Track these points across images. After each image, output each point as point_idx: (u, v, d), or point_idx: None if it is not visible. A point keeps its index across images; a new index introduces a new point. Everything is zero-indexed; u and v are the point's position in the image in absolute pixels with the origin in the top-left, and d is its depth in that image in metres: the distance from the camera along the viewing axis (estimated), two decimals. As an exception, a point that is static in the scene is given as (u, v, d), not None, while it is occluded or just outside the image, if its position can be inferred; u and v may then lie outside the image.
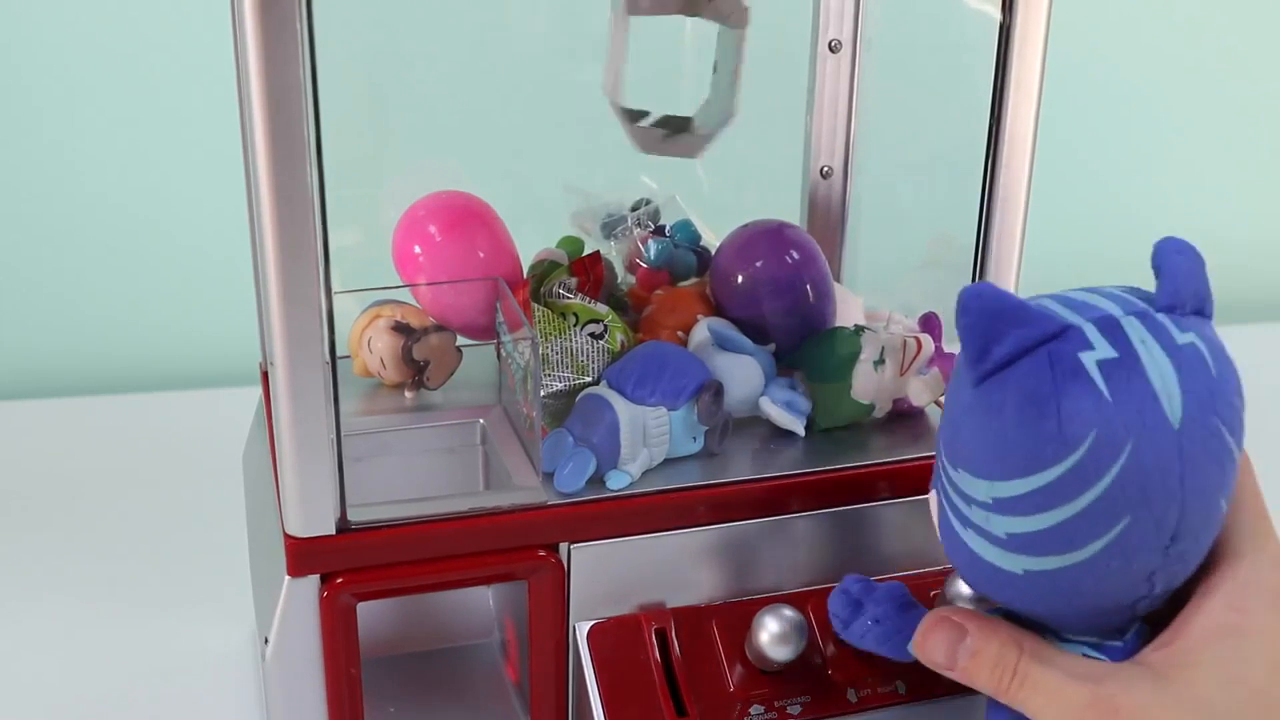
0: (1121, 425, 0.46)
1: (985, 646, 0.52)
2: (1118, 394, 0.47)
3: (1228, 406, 0.49)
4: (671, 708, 0.58)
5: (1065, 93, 0.82)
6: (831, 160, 0.80)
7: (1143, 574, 0.49)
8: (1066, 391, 0.47)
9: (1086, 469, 0.47)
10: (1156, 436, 0.47)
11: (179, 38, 1.08)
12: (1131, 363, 0.47)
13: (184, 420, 1.08)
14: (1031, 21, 0.57)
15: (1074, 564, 0.48)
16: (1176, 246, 0.51)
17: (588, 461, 0.60)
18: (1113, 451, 0.46)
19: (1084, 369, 0.47)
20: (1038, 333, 0.48)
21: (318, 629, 0.57)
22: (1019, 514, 0.48)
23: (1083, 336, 0.48)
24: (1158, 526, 0.47)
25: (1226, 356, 0.50)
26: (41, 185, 1.12)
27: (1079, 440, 0.47)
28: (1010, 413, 0.48)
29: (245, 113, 0.58)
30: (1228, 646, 0.49)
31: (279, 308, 0.52)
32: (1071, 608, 0.51)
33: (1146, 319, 0.48)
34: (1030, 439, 0.47)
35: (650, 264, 0.72)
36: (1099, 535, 0.47)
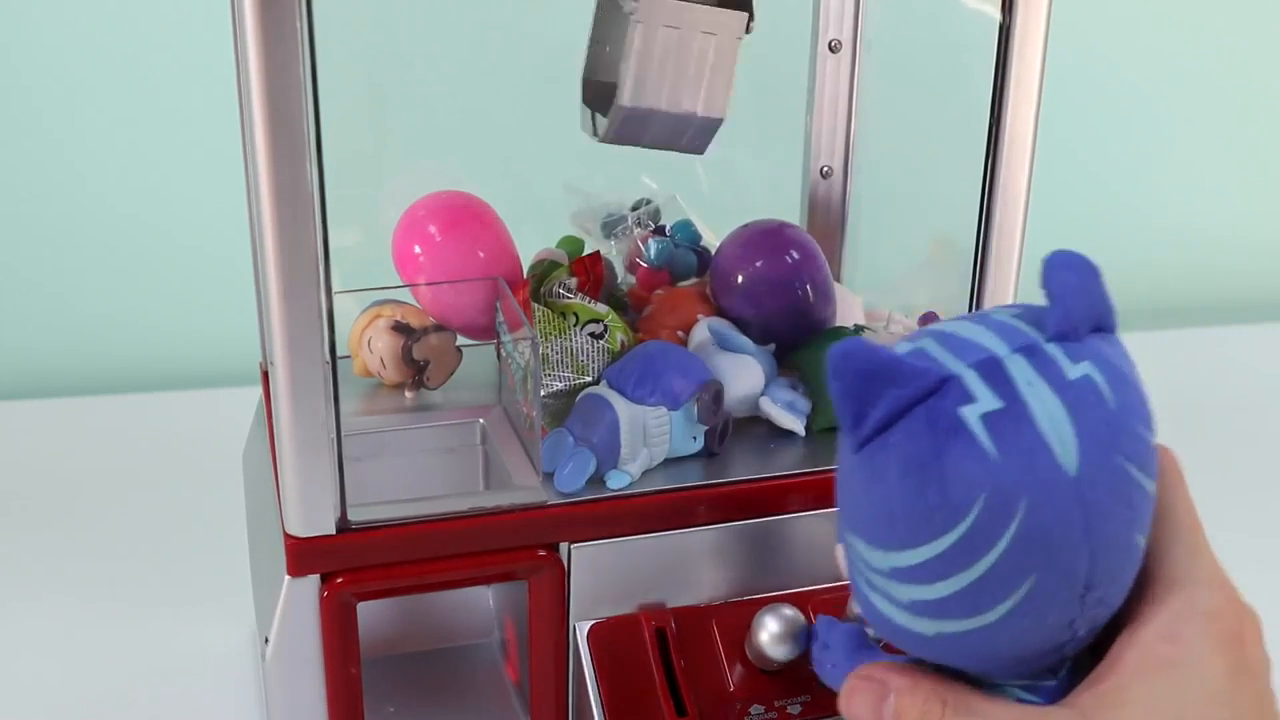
0: (1012, 483, 0.43)
1: (908, 705, 0.48)
2: (1005, 449, 0.43)
3: (1132, 439, 0.45)
4: (671, 708, 0.58)
5: (1065, 93, 0.82)
6: (831, 160, 0.80)
7: (1061, 623, 0.45)
8: (948, 453, 0.43)
9: (980, 535, 0.43)
10: (1052, 489, 0.43)
11: (179, 38, 1.08)
12: (1018, 411, 0.43)
13: (184, 420, 1.08)
14: (1031, 21, 0.57)
15: (984, 625, 0.45)
16: (1065, 261, 0.46)
17: (588, 461, 0.60)
18: (1006, 513, 0.43)
19: (966, 426, 0.43)
20: (914, 390, 0.44)
21: (318, 629, 0.57)
22: (918, 583, 0.45)
23: (963, 388, 0.44)
24: (1067, 580, 0.44)
25: (1129, 380, 0.46)
26: (41, 185, 1.12)
27: (967, 506, 0.43)
28: (893, 481, 0.44)
29: (245, 113, 0.58)
30: (1160, 681, 0.46)
31: (279, 308, 0.52)
32: (992, 662, 0.47)
33: (1034, 354, 0.44)
34: (917, 508, 0.44)
35: (650, 264, 0.72)
36: (1005, 597, 0.44)
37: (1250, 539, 0.95)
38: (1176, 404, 1.19)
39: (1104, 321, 0.47)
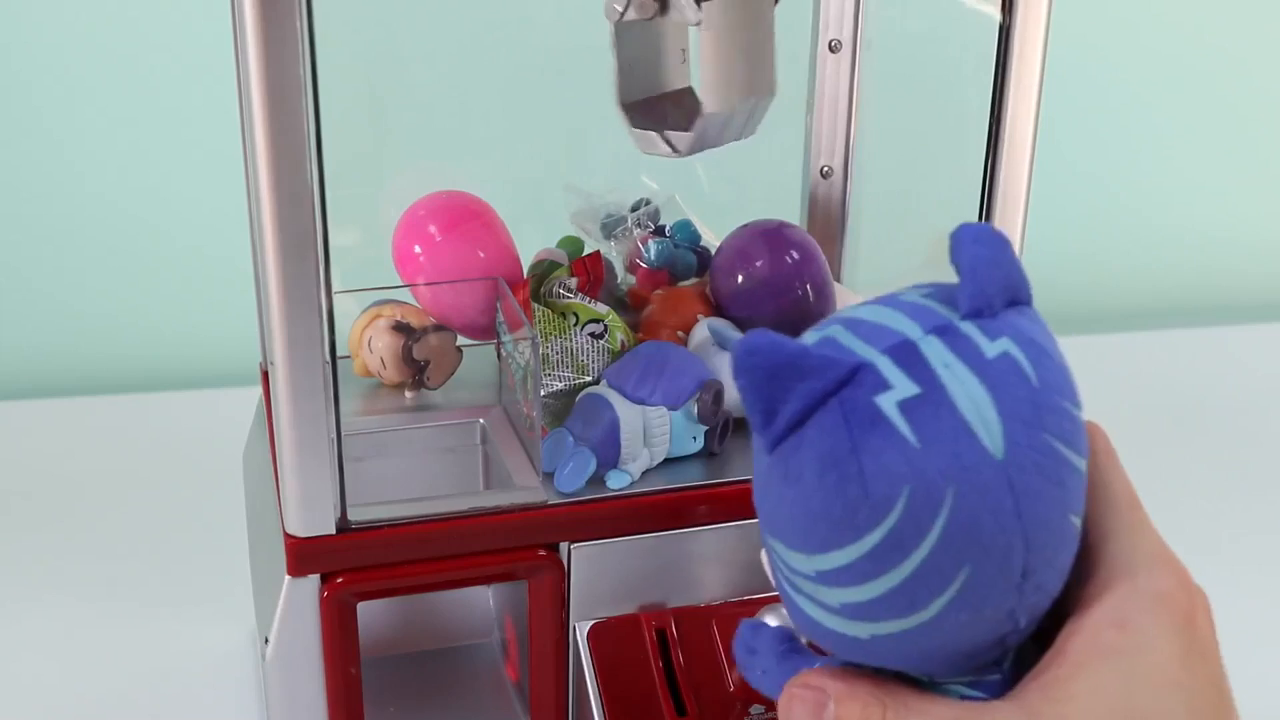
0: (937, 472, 0.40)
1: (848, 712, 0.46)
2: (926, 437, 0.40)
3: (1058, 416, 0.42)
4: (671, 708, 0.58)
5: (1065, 93, 0.82)
6: (831, 160, 0.80)
7: (1000, 614, 0.43)
8: (866, 447, 0.41)
9: (907, 529, 0.41)
10: (979, 475, 0.41)
11: (179, 38, 1.08)
12: (937, 396, 0.41)
13: (184, 420, 1.08)
14: (1031, 21, 0.57)
15: (921, 624, 0.42)
16: (974, 235, 0.44)
17: (588, 461, 0.60)
18: (933, 504, 0.40)
19: (883, 415, 0.41)
20: (825, 382, 0.41)
21: (318, 629, 0.57)
22: (846, 585, 0.42)
23: (877, 375, 0.41)
24: (1003, 569, 0.42)
25: (1049, 354, 0.43)
26: (41, 185, 1.12)
27: (892, 500, 0.40)
28: (811, 480, 0.42)
29: (245, 112, 0.58)
30: (1107, 670, 0.43)
31: (279, 308, 0.52)
32: (931, 661, 0.45)
33: (948, 334, 0.42)
34: (837, 508, 0.41)
35: (650, 264, 0.72)
36: (940, 592, 0.41)
37: (1250, 538, 0.95)
38: (1176, 404, 1.20)
39: (1019, 295, 0.44)
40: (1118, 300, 1.38)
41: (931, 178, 0.76)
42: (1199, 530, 0.93)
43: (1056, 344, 0.44)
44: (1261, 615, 0.84)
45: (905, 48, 0.79)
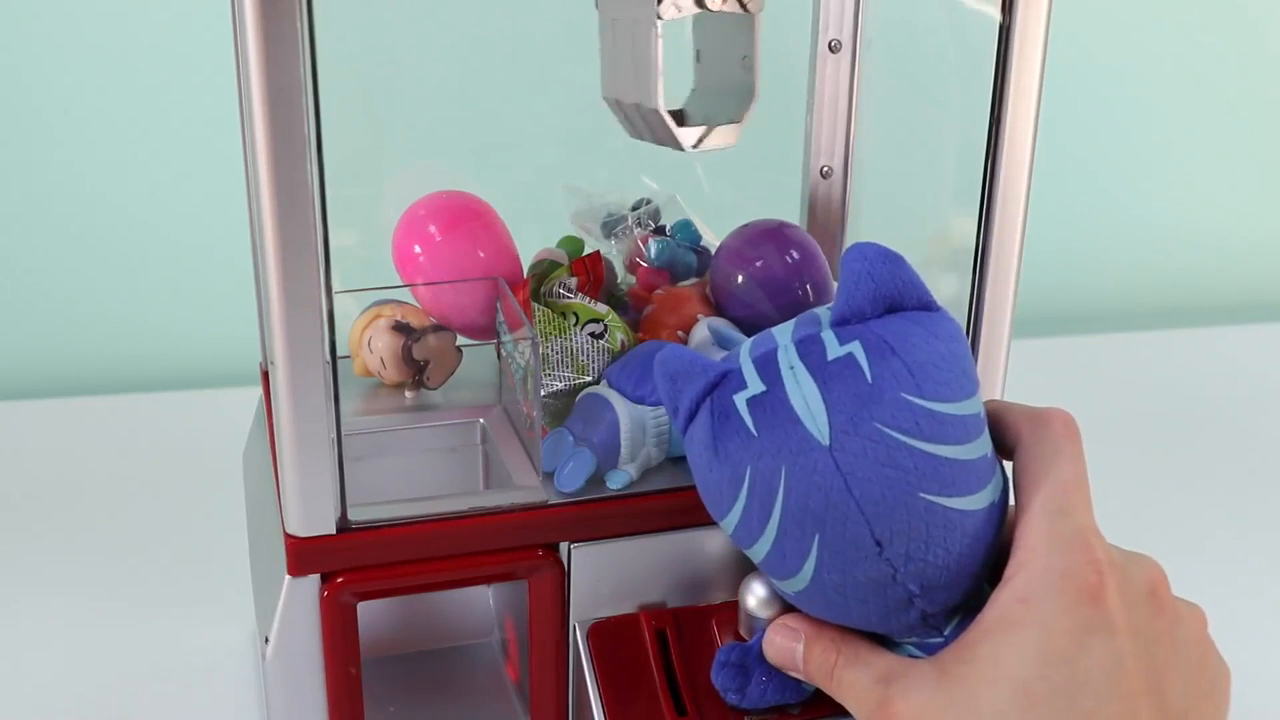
0: (770, 456, 0.49)
1: (810, 651, 0.54)
2: (763, 426, 0.49)
3: (893, 406, 0.48)
4: (671, 708, 0.58)
5: (1065, 93, 0.82)
6: (831, 160, 0.80)
7: (881, 580, 0.49)
8: (721, 434, 0.50)
9: (757, 502, 0.50)
10: (805, 457, 0.48)
11: (179, 38, 1.08)
12: (776, 393, 0.50)
13: (184, 420, 1.08)
14: (1031, 21, 0.57)
15: (808, 584, 0.51)
16: (855, 252, 0.52)
17: (588, 461, 0.60)
18: (771, 482, 0.49)
19: (735, 410, 0.50)
20: (701, 384, 0.52)
21: (318, 629, 0.57)
22: (746, 546, 0.52)
23: (739, 378, 0.51)
24: (852, 538, 0.48)
25: (899, 353, 0.49)
26: (41, 185, 1.12)
27: (740, 479, 0.50)
28: (698, 462, 0.52)
29: (245, 112, 0.58)
30: (1003, 640, 0.48)
31: (279, 308, 0.52)
32: (852, 617, 0.52)
33: (806, 343, 0.50)
34: (714, 483, 0.51)
35: (651, 264, 0.72)
36: (804, 556, 0.50)
37: (1249, 538, 0.95)
38: (1176, 404, 1.20)
39: (901, 301, 0.51)
40: (1118, 300, 1.38)
41: (931, 177, 0.76)
42: (1197, 530, 0.93)
43: (946, 344, 0.50)
44: (1260, 615, 0.84)
45: (905, 48, 0.79)
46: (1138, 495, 0.94)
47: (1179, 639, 0.50)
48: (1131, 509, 0.55)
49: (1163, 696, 0.48)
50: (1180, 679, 0.49)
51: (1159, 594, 0.50)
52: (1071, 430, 0.52)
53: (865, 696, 0.51)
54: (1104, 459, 0.58)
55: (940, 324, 0.51)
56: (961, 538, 0.49)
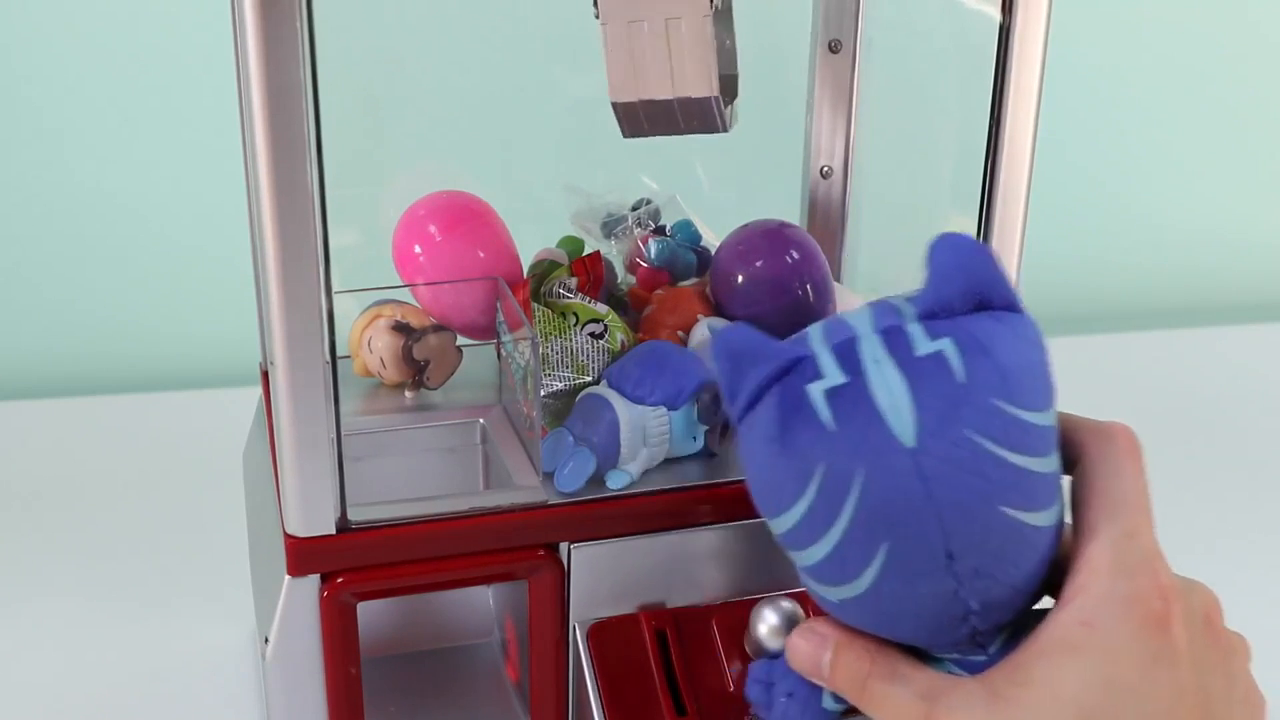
0: (847, 454, 0.45)
1: (843, 660, 0.50)
2: (842, 421, 0.45)
3: (984, 412, 0.45)
4: (671, 708, 0.58)
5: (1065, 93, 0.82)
6: (831, 160, 0.80)
7: (943, 594, 0.46)
8: (790, 427, 0.46)
9: (825, 503, 0.46)
10: (887, 459, 0.45)
11: (179, 37, 1.08)
12: (859, 385, 0.46)
13: (184, 420, 1.08)
14: (1031, 22, 0.57)
15: (862, 592, 0.47)
16: (945, 243, 0.48)
17: (588, 461, 0.60)
18: (844, 482, 0.45)
19: (808, 401, 0.46)
20: (770, 369, 0.47)
21: (318, 629, 0.57)
22: (796, 548, 0.48)
23: (814, 366, 0.47)
24: (923, 548, 0.45)
25: (994, 354, 0.46)
26: (41, 185, 1.12)
27: (809, 476, 0.46)
28: (759, 453, 0.48)
29: (245, 112, 0.58)
30: (1064, 664, 0.46)
31: (279, 308, 0.52)
32: (900, 630, 0.49)
33: (891, 334, 0.47)
34: (775, 478, 0.47)
35: (651, 264, 0.72)
36: (866, 563, 0.46)
37: (1249, 538, 0.95)
38: (1176, 404, 1.20)
39: (990, 299, 0.48)
40: (1118, 300, 1.38)
41: (931, 178, 0.76)
42: (1197, 530, 0.93)
43: (1033, 350, 0.47)
44: (1260, 615, 0.84)
45: (905, 48, 0.79)
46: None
47: (1232, 672, 0.48)
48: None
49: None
50: (1230, 712, 0.48)
51: (1214, 624, 0.48)
52: (1135, 447, 0.49)
53: (904, 712, 0.48)
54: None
55: (1026, 327, 0.48)
56: (1032, 555, 0.47)
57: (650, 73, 0.63)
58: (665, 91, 0.63)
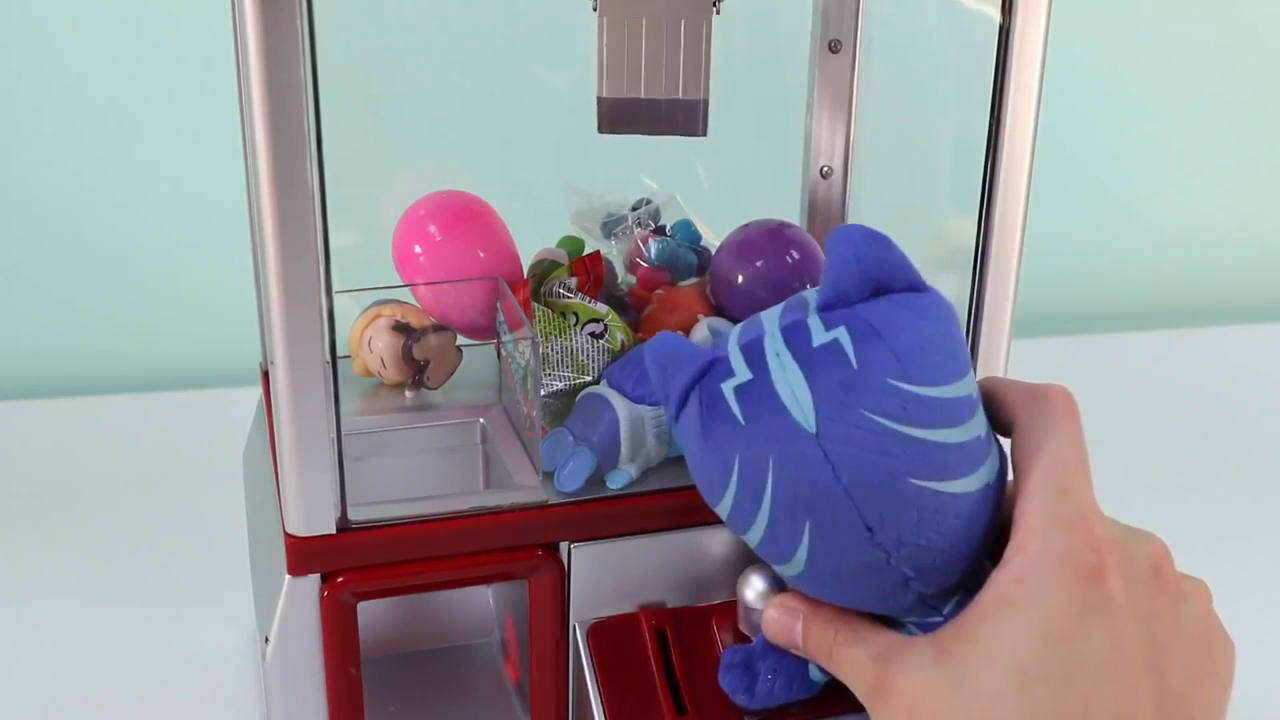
0: (759, 444, 0.49)
1: (809, 628, 0.54)
2: (750, 415, 0.49)
3: (879, 393, 0.48)
4: (671, 708, 0.58)
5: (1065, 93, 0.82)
6: (831, 160, 0.80)
7: (875, 565, 0.49)
8: (710, 422, 0.50)
9: (747, 490, 0.49)
10: (792, 445, 0.48)
11: (179, 37, 1.08)
12: (763, 381, 0.49)
13: (184, 420, 1.08)
14: (1031, 22, 0.57)
15: (802, 570, 0.51)
16: (839, 235, 0.51)
17: (588, 461, 0.60)
18: (760, 470, 0.49)
19: (723, 398, 0.50)
20: (689, 373, 0.51)
21: (318, 628, 0.57)
22: (740, 532, 0.52)
23: (727, 366, 0.50)
24: (841, 524, 0.48)
25: (885, 337, 0.49)
26: (41, 185, 1.12)
27: (729, 467, 0.50)
28: (691, 451, 0.52)
29: (246, 112, 0.58)
30: (1003, 620, 0.48)
31: (279, 308, 0.52)
32: (850, 599, 0.52)
33: (792, 329, 0.50)
34: (705, 472, 0.51)
35: (651, 264, 0.72)
36: (797, 541, 0.49)
37: (1249, 538, 0.95)
38: (1176, 404, 1.20)
39: (889, 284, 0.50)
40: (1118, 300, 1.38)
41: (931, 177, 0.76)
42: (1197, 530, 0.93)
43: (935, 325, 0.50)
44: (1260, 615, 0.84)
45: (905, 48, 0.79)
46: (1137, 495, 0.94)
47: (1181, 617, 0.49)
48: (1131, 509, 0.54)
49: (1162, 676, 0.48)
50: (1181, 659, 0.48)
51: (1162, 571, 0.49)
52: (1069, 406, 0.51)
53: (863, 673, 0.51)
54: (1104, 458, 0.58)
55: (929, 305, 0.51)
56: (955, 520, 0.49)
57: (644, 70, 0.63)
58: (656, 90, 0.63)
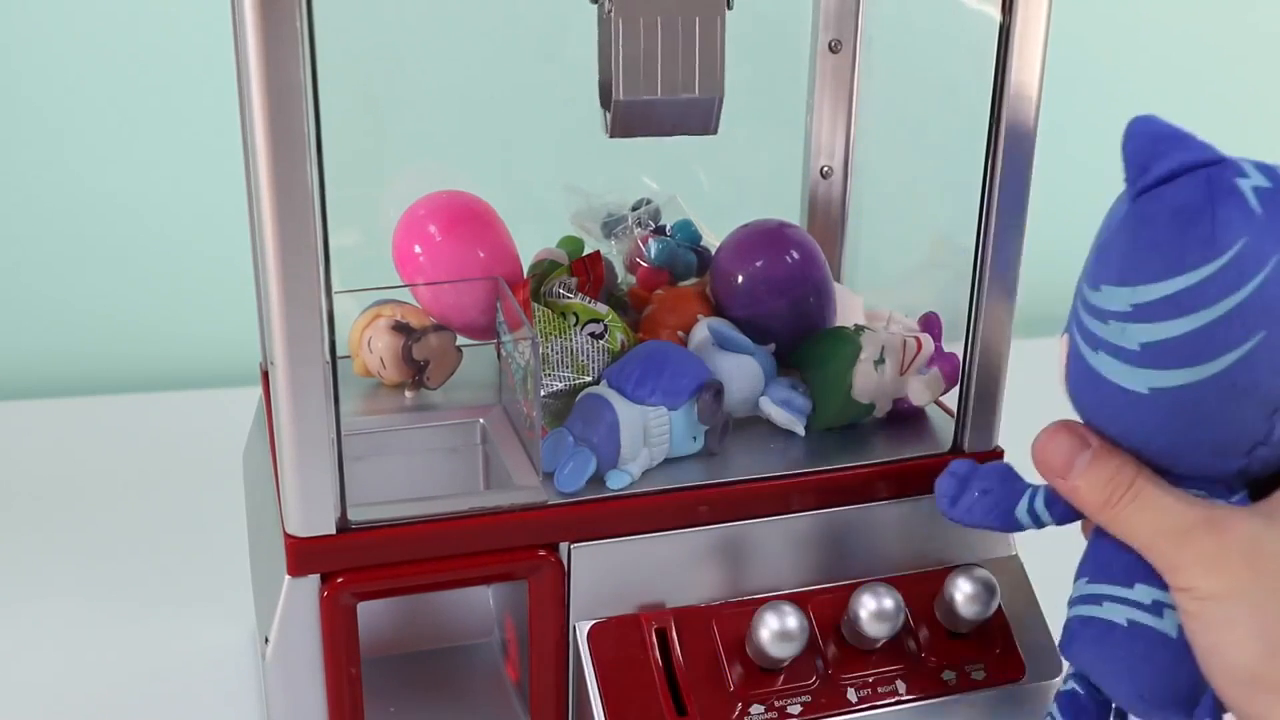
0: (1271, 238, 0.49)
1: (1106, 458, 0.52)
2: (1269, 212, 0.49)
3: None
4: (671, 708, 0.58)
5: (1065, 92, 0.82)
6: (831, 160, 0.80)
7: (1266, 408, 0.49)
8: (1221, 203, 0.49)
9: (1230, 274, 0.49)
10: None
11: (179, 38, 1.09)
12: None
13: (184, 420, 1.08)
14: (1031, 21, 0.58)
15: (1201, 379, 0.50)
16: None
17: (588, 461, 0.60)
18: (1258, 261, 0.48)
19: (1239, 189, 0.50)
20: (1197, 157, 0.51)
21: (318, 629, 0.57)
22: (1157, 320, 0.50)
23: (1240, 167, 0.51)
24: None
25: None
26: (41, 185, 1.12)
27: (1227, 245, 0.49)
28: (1164, 219, 0.50)
29: (246, 112, 0.58)
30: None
31: (279, 308, 0.52)
32: (1190, 438, 0.51)
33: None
34: (1181, 242, 0.50)
35: (651, 264, 0.72)
36: (1232, 347, 0.49)
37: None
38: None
39: None
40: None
41: (931, 177, 0.76)
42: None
43: None
44: None
45: (905, 48, 0.79)
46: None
47: None
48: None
49: None
50: None
51: None
52: None
53: (1177, 510, 0.51)
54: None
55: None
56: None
57: (660, 71, 0.63)
58: (673, 90, 0.63)
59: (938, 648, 0.62)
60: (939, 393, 0.68)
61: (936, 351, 0.68)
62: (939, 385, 0.67)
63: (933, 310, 0.69)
